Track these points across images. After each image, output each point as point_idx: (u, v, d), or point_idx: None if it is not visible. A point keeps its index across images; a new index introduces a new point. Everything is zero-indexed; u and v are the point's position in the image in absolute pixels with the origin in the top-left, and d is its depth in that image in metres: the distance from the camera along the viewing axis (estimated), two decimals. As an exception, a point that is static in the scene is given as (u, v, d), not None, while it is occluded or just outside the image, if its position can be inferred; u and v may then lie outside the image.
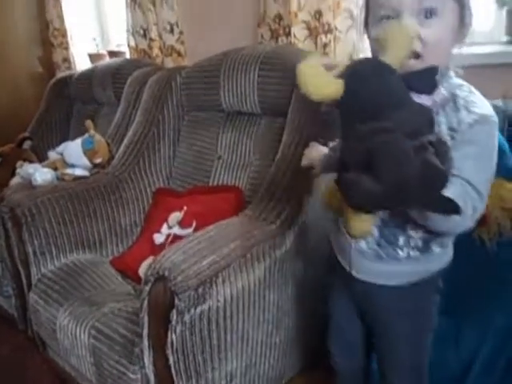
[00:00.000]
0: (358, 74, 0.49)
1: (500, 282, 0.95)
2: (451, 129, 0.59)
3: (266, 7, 1.42)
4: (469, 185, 0.56)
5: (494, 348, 0.93)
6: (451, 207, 0.49)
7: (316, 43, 1.34)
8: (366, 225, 0.53)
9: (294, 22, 1.33)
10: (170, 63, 1.77)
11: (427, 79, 0.51)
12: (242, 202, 1.22)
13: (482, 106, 0.60)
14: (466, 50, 1.19)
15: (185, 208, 1.28)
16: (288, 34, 1.38)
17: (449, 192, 0.50)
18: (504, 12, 1.13)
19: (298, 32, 1.34)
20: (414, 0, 0.56)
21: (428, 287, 0.70)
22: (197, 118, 1.43)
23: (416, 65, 0.56)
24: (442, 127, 0.59)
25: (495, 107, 1.01)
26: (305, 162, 0.84)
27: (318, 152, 0.82)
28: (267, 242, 0.90)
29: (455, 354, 0.94)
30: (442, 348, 0.92)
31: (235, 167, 1.30)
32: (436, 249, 0.67)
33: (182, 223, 1.25)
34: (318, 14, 1.30)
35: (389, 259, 0.67)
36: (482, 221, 0.94)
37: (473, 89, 0.63)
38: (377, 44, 0.57)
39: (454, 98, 0.60)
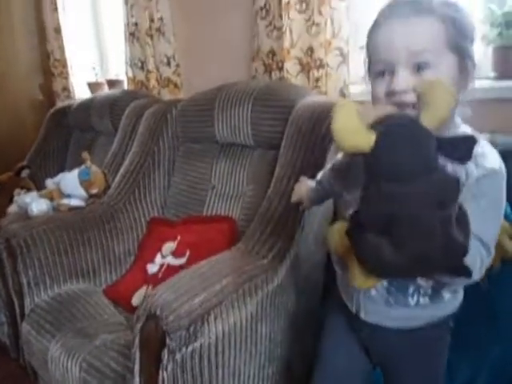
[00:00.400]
0: (394, 134, 0.46)
1: (492, 314, 0.95)
2: None
3: (259, 43, 1.47)
4: (477, 240, 0.56)
5: (491, 380, 0.93)
6: (463, 271, 0.48)
7: (308, 78, 1.38)
8: (370, 281, 0.51)
9: (287, 57, 1.37)
10: (166, 94, 1.81)
11: (465, 149, 0.47)
12: (235, 233, 1.23)
13: (491, 158, 0.59)
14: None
15: (178, 238, 1.29)
16: (281, 69, 1.42)
17: None
18: (490, 49, 1.17)
19: (291, 67, 1.38)
20: (409, 55, 0.57)
21: (438, 330, 0.70)
22: (191, 149, 1.46)
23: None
24: None
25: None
26: (294, 198, 0.86)
27: (306, 187, 0.84)
28: (259, 277, 0.90)
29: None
30: None
31: (229, 197, 1.32)
32: (446, 295, 0.67)
33: (176, 253, 1.26)
34: (310, 51, 1.35)
35: (398, 306, 0.67)
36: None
37: (480, 137, 0.61)
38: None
39: None
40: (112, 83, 2.16)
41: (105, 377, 0.93)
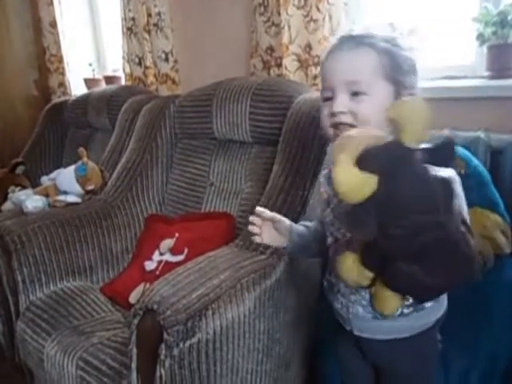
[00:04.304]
0: (392, 171, 0.48)
1: (486, 306, 0.96)
2: None
3: (258, 39, 1.46)
4: None
5: (485, 373, 0.93)
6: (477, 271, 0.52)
7: (306, 74, 1.38)
8: (399, 304, 0.55)
9: (286, 54, 1.37)
10: (164, 90, 1.80)
11: (446, 154, 0.50)
12: (233, 229, 1.23)
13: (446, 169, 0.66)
14: (449, 83, 1.24)
15: (177, 235, 1.28)
16: (279, 65, 1.42)
17: None
18: (485, 48, 1.18)
19: (289, 64, 1.38)
20: (346, 84, 0.66)
21: (426, 337, 0.74)
22: (190, 146, 1.45)
23: None
24: None
25: (478, 138, 1.06)
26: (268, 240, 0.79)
27: (285, 226, 0.79)
28: (257, 273, 0.90)
29: (445, 381, 0.94)
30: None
31: (227, 194, 1.32)
32: (428, 304, 0.70)
33: (174, 250, 1.25)
34: (309, 48, 1.35)
35: (384, 319, 0.69)
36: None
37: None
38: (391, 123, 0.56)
39: None
40: (109, 79, 2.14)
41: (102, 374, 0.92)
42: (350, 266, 0.52)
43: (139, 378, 0.81)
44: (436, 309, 0.73)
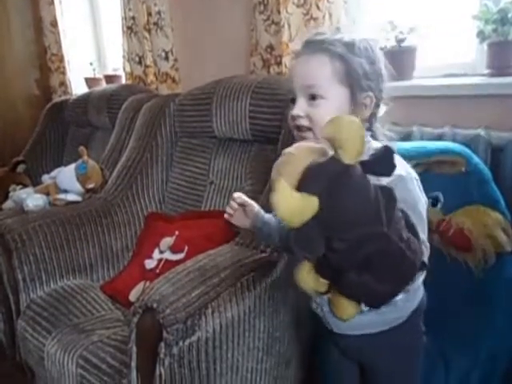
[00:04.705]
0: (332, 189, 0.48)
1: (487, 306, 0.96)
2: None
3: (258, 37, 1.46)
4: None
5: (485, 373, 0.93)
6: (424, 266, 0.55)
7: (306, 72, 1.37)
8: (356, 309, 0.55)
9: (285, 52, 1.37)
10: (164, 89, 1.80)
11: (387, 163, 0.50)
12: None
13: (398, 166, 0.64)
14: (450, 80, 1.23)
15: (176, 233, 1.28)
16: (279, 64, 1.42)
17: None
18: (485, 45, 1.17)
19: (289, 62, 1.38)
20: (304, 87, 0.69)
21: (403, 331, 0.74)
22: (190, 144, 1.45)
23: (309, 136, 0.69)
24: None
25: (478, 136, 1.06)
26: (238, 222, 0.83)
27: (254, 213, 0.81)
28: (257, 271, 0.90)
29: (446, 380, 0.94)
30: (432, 374, 0.92)
31: (227, 192, 1.31)
32: (398, 297, 0.70)
33: (174, 248, 1.25)
34: (308, 45, 1.35)
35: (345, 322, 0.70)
36: (467, 247, 0.96)
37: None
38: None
39: None
40: (110, 78, 2.14)
41: (102, 372, 0.93)
42: (305, 277, 0.53)
43: (139, 376, 0.81)
44: (410, 301, 0.73)
